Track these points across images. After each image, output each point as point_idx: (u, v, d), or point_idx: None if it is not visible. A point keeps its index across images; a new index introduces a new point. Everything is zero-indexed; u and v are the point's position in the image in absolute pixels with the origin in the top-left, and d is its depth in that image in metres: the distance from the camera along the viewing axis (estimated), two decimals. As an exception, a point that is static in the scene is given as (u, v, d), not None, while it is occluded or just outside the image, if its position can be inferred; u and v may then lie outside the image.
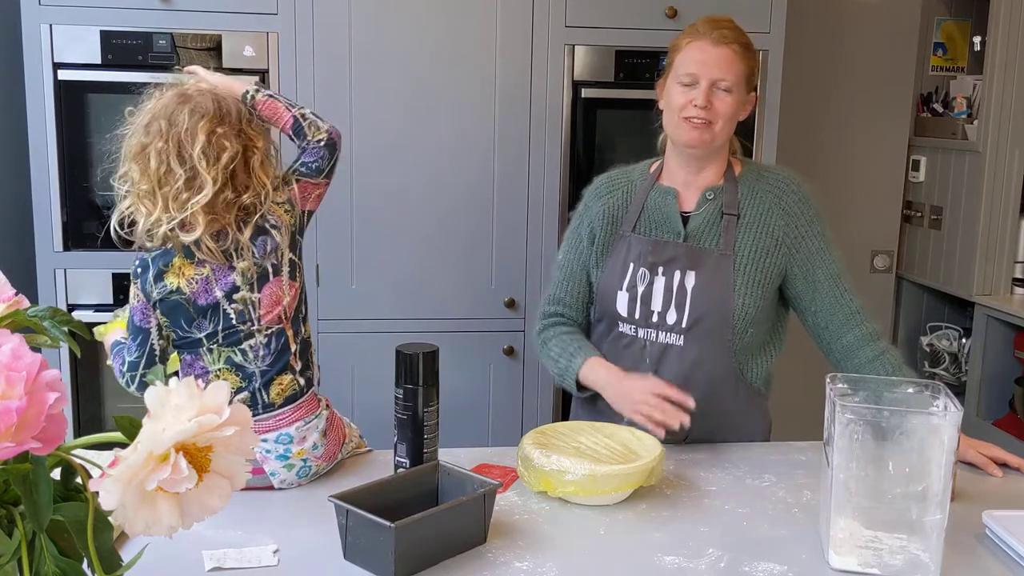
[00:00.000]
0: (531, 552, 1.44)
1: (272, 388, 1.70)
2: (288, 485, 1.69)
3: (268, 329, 1.71)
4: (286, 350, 1.73)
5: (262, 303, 1.70)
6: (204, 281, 1.67)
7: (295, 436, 1.69)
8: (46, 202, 2.75)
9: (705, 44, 1.87)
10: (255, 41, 2.77)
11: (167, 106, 1.67)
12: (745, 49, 1.89)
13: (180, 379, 0.81)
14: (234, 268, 1.68)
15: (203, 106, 1.67)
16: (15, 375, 0.74)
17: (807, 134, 3.66)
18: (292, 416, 1.71)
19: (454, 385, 2.87)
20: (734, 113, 1.89)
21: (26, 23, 2.68)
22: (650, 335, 1.93)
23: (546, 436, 1.70)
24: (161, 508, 0.80)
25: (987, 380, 3.57)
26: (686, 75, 1.87)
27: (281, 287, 1.72)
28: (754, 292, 1.89)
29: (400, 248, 2.92)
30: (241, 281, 1.68)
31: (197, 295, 1.67)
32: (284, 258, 1.73)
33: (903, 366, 1.88)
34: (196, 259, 1.66)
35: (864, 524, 1.40)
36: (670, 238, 1.93)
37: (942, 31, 3.87)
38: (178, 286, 1.66)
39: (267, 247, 1.71)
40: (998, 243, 3.50)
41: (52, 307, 0.91)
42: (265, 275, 1.71)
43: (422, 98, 2.86)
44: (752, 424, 1.99)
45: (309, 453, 1.70)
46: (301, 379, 1.74)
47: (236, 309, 1.68)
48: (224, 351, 1.69)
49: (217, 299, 1.67)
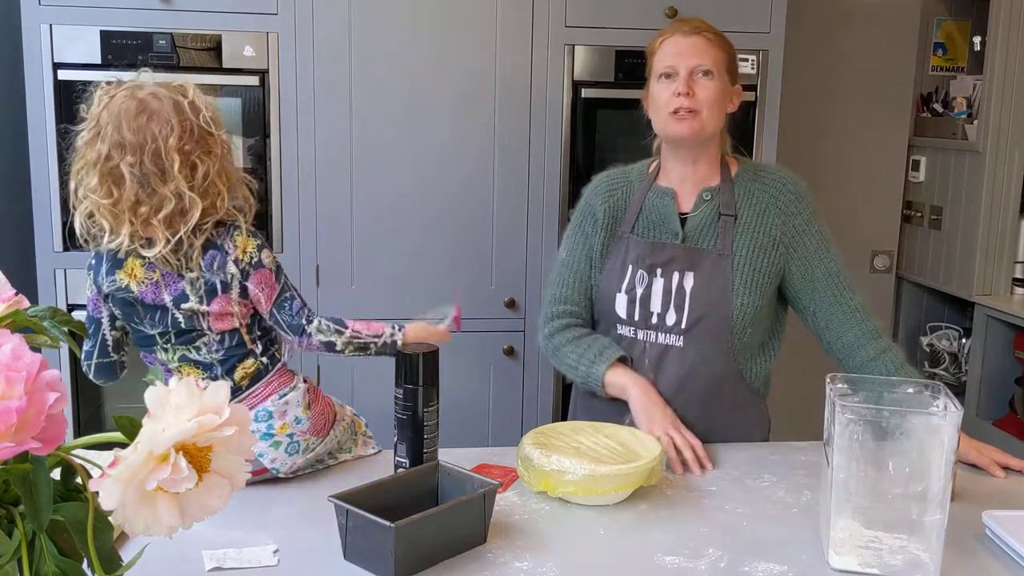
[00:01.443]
0: (531, 552, 1.44)
1: (236, 372, 1.71)
2: (281, 466, 1.69)
3: (219, 331, 1.70)
4: (241, 343, 1.72)
5: (211, 315, 1.69)
6: (154, 284, 1.67)
7: (274, 411, 1.70)
8: (46, 202, 2.76)
9: (677, 37, 1.89)
10: (255, 41, 2.77)
11: (127, 112, 1.63)
12: (719, 38, 1.91)
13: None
14: (183, 277, 1.67)
15: (164, 116, 1.63)
16: (15, 375, 0.74)
17: (807, 134, 3.66)
18: (264, 392, 1.71)
19: (454, 385, 2.87)
20: (718, 99, 1.88)
21: (26, 23, 2.68)
22: (650, 337, 1.93)
23: (546, 436, 1.70)
24: (161, 508, 0.80)
25: (987, 380, 3.57)
26: (665, 68, 1.88)
27: (230, 303, 1.70)
28: (752, 292, 1.89)
29: (400, 248, 2.92)
30: (191, 291, 1.67)
31: (145, 295, 1.67)
32: (233, 280, 1.70)
33: (905, 363, 1.88)
34: (147, 262, 1.66)
35: (864, 524, 1.40)
36: (668, 239, 1.93)
37: (942, 31, 3.87)
38: (127, 284, 1.67)
39: (215, 263, 1.68)
40: (998, 243, 3.50)
41: (52, 307, 0.91)
42: (213, 290, 1.69)
43: (422, 98, 2.87)
44: (751, 424, 1.99)
45: (293, 427, 1.70)
46: (264, 358, 1.74)
47: (185, 315, 1.68)
48: (179, 349, 1.70)
49: (165, 302, 1.67)
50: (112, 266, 1.68)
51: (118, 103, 1.65)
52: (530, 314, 2.95)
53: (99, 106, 1.66)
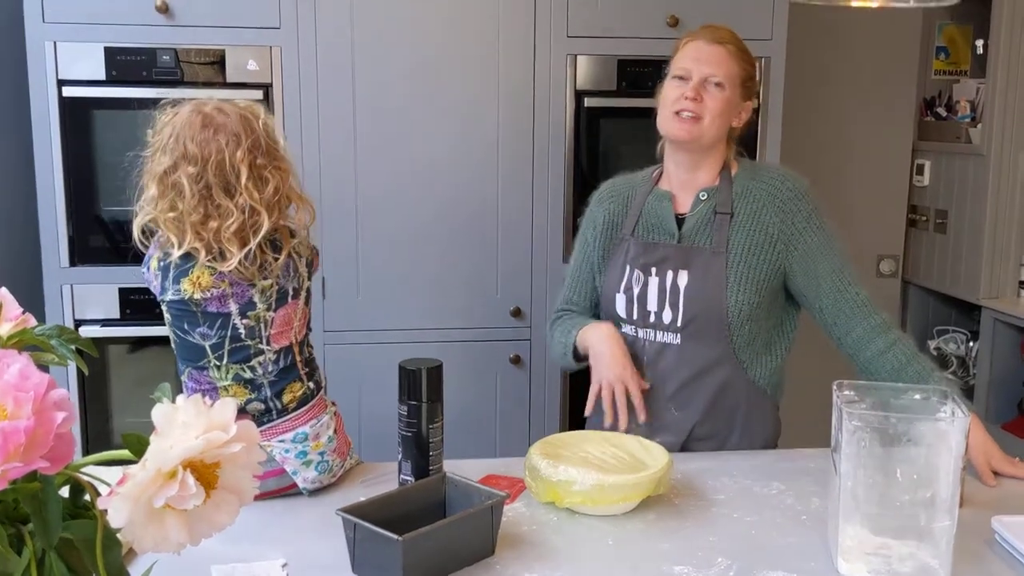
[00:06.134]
0: (540, 563, 1.44)
1: (285, 395, 1.73)
2: (312, 484, 1.71)
3: (277, 347, 1.72)
4: (293, 366, 1.75)
5: (274, 323, 1.71)
6: (220, 293, 1.67)
7: (310, 433, 1.73)
8: (52, 218, 2.77)
9: (700, 43, 1.92)
10: (258, 55, 2.78)
11: (191, 125, 1.66)
12: (741, 52, 1.93)
13: (188, 394, 0.82)
14: (254, 285, 1.69)
15: (231, 129, 1.66)
16: (23, 395, 0.74)
17: (810, 140, 3.66)
18: (306, 416, 1.74)
19: (460, 395, 2.87)
20: (724, 111, 1.90)
21: (30, 40, 2.70)
22: (648, 335, 1.95)
23: (553, 446, 1.70)
24: (169, 525, 0.80)
25: (995, 383, 3.57)
26: (680, 70, 1.92)
27: (296, 311, 1.75)
28: (747, 288, 1.89)
29: (405, 259, 2.92)
30: (259, 299, 1.69)
31: (209, 303, 1.67)
32: (303, 284, 1.77)
33: (917, 355, 1.87)
34: (218, 272, 1.66)
35: (873, 531, 1.40)
36: (663, 239, 1.95)
37: (944, 35, 3.87)
38: (191, 295, 1.67)
39: (291, 270, 1.73)
40: (1004, 246, 3.50)
41: (59, 325, 0.92)
42: (284, 296, 1.72)
43: (425, 110, 2.87)
44: (757, 425, 1.98)
45: (325, 446, 1.74)
46: (311, 383, 1.78)
47: (247, 325, 1.69)
48: (232, 368, 1.70)
49: (230, 311, 1.68)
50: (179, 274, 1.67)
51: (183, 118, 1.68)
52: (536, 323, 2.95)
53: (164, 122, 1.69)
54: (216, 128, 1.65)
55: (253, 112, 1.72)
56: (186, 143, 1.64)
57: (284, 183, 1.70)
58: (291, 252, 1.73)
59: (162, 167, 1.65)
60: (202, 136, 1.65)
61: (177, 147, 1.65)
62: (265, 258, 1.69)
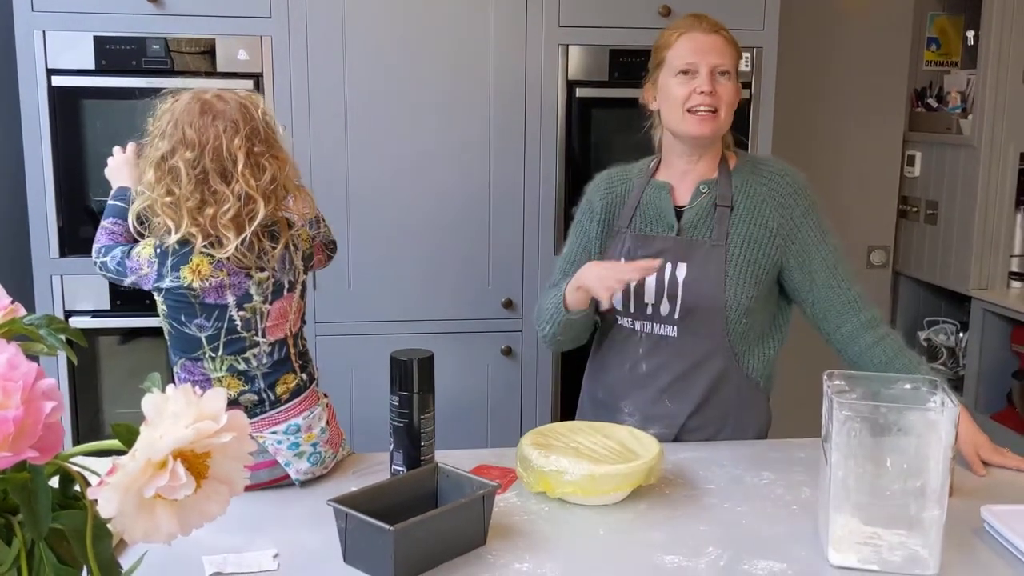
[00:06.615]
0: (531, 553, 1.44)
1: (278, 387, 1.73)
2: (304, 475, 1.71)
3: (272, 339, 1.72)
4: (287, 358, 1.75)
5: (270, 315, 1.71)
6: (218, 283, 1.67)
7: (302, 425, 1.73)
8: (41, 208, 2.75)
9: (696, 34, 1.90)
10: (249, 45, 2.77)
11: (190, 112, 1.66)
12: (732, 39, 1.94)
13: (180, 385, 0.81)
14: (251, 277, 1.68)
15: (229, 116, 1.66)
16: (11, 385, 0.74)
17: (801, 130, 3.66)
18: (299, 408, 1.74)
19: (452, 386, 2.88)
20: (735, 100, 1.91)
21: (19, 30, 2.68)
22: (645, 327, 1.94)
23: (545, 436, 1.70)
24: (160, 515, 0.80)
25: (985, 374, 3.58)
26: (685, 65, 1.89)
27: (291, 304, 1.75)
28: (746, 282, 1.89)
29: (396, 250, 2.92)
30: (256, 291, 1.69)
31: (207, 293, 1.67)
32: (299, 277, 1.77)
33: (904, 348, 1.88)
34: (216, 261, 1.66)
35: (863, 521, 1.41)
36: (663, 232, 1.94)
37: (935, 26, 3.87)
38: (191, 282, 1.66)
39: (287, 262, 1.73)
40: (994, 237, 3.51)
41: (48, 315, 0.91)
42: (280, 289, 1.72)
43: (416, 100, 2.86)
44: (749, 417, 1.98)
45: (318, 437, 1.74)
46: (303, 374, 1.78)
47: (243, 317, 1.69)
48: (227, 359, 1.70)
49: (227, 303, 1.68)
50: (178, 261, 1.66)
51: (182, 104, 1.68)
52: (527, 314, 2.95)
53: (164, 109, 1.69)
54: (215, 114, 1.65)
55: (253, 101, 1.71)
56: (184, 129, 1.64)
57: (281, 172, 1.70)
58: (288, 243, 1.73)
59: (160, 152, 1.65)
60: (200, 122, 1.65)
61: (176, 133, 1.65)
62: (262, 246, 1.68)
